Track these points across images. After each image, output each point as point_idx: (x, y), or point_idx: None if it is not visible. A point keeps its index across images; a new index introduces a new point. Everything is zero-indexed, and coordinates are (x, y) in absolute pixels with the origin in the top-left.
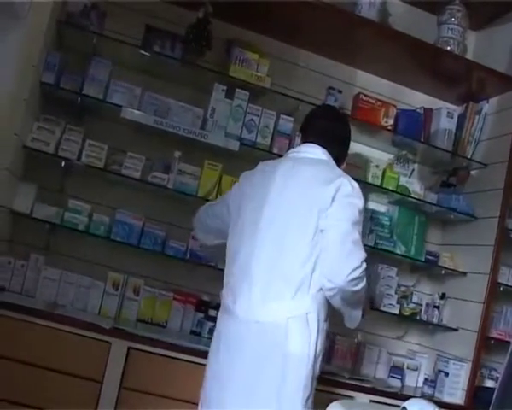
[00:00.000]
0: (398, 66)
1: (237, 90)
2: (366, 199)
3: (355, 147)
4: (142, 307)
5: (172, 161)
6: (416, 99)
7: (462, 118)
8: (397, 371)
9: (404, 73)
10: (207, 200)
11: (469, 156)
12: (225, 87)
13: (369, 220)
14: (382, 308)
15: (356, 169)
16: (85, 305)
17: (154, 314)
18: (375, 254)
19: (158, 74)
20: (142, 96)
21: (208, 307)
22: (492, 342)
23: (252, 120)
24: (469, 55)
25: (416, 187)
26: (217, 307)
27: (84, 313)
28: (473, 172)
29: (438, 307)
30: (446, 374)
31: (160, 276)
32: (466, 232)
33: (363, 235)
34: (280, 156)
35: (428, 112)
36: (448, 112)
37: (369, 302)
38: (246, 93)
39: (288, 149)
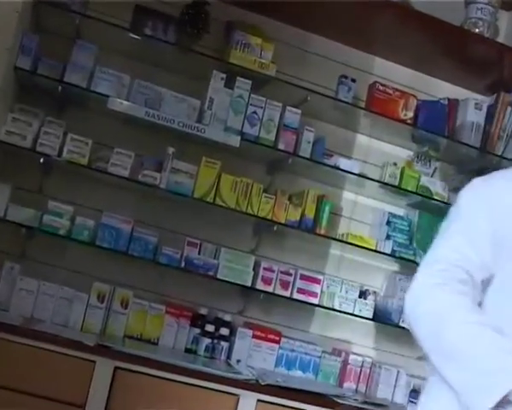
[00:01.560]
0: (420, 51)
1: (238, 78)
2: (382, 201)
3: (370, 143)
4: (130, 322)
5: (165, 158)
6: (440, 89)
7: (491, 110)
8: (417, 395)
9: (426, 60)
10: (205, 202)
11: (500, 153)
12: (225, 75)
13: (385, 225)
14: (401, 324)
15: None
16: (66, 320)
17: (144, 330)
18: (393, 263)
19: (149, 60)
20: (131, 84)
21: (205, 322)
22: None
23: (254, 112)
24: (501, 39)
25: (438, 188)
26: (215, 321)
27: (65, 329)
28: None
29: None
30: None
31: (151, 287)
32: None
33: (379, 240)
34: (287, 153)
35: (453, 103)
36: (476, 103)
37: None
38: (248, 82)
39: (296, 144)
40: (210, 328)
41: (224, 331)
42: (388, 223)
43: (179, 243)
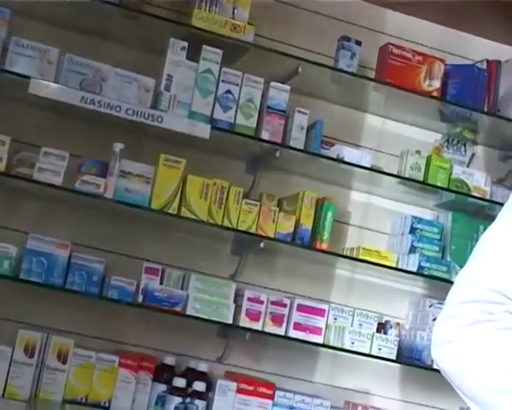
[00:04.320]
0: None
1: (204, 47)
2: (403, 201)
3: (383, 125)
4: (72, 381)
5: (111, 159)
6: (476, 48)
7: None
8: None
9: (456, 10)
10: (166, 214)
11: None
12: (186, 44)
13: (408, 234)
14: (435, 366)
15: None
16: None
17: (90, 390)
18: (421, 284)
19: (85, 28)
20: (60, 60)
21: (173, 375)
22: None
23: (228, 91)
24: None
25: (478, 180)
26: (186, 373)
27: None
28: None
29: None
30: None
31: (98, 331)
32: None
33: (401, 254)
34: (273, 144)
35: (494, 66)
36: None
37: None
38: (217, 51)
39: (284, 132)
40: (180, 383)
41: (199, 386)
42: (412, 231)
43: (134, 271)
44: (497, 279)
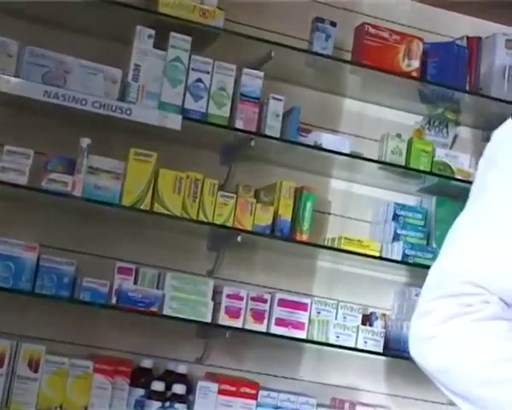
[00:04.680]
0: None
1: (172, 34)
2: (384, 187)
3: (362, 109)
4: (44, 390)
5: (78, 155)
6: (455, 25)
7: None
8: None
9: None
10: (139, 210)
11: None
12: (153, 31)
13: (391, 221)
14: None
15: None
16: None
17: (65, 399)
18: (406, 273)
19: (45, 18)
20: (20, 53)
21: (151, 379)
22: None
23: (199, 79)
24: None
25: (462, 163)
26: (165, 376)
27: None
28: None
29: None
30: None
31: (70, 336)
32: None
33: (385, 243)
34: (247, 133)
35: (475, 43)
36: (507, 40)
37: None
38: (186, 39)
39: (259, 120)
40: (159, 386)
41: (179, 389)
42: (395, 218)
43: (106, 271)
44: (472, 271)
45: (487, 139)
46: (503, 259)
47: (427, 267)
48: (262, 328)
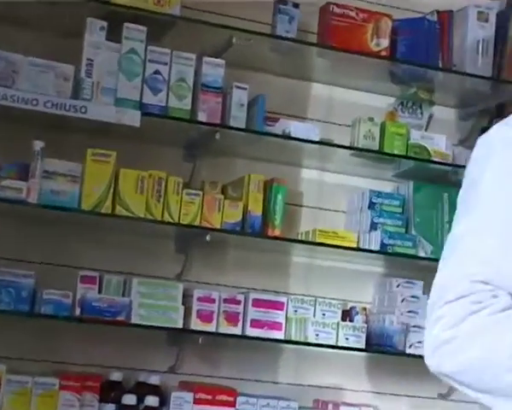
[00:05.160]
0: None
1: (126, 25)
2: (358, 175)
3: (331, 93)
4: None
5: (32, 159)
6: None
7: (503, 18)
8: None
9: None
10: (99, 214)
11: None
12: (105, 23)
13: (367, 210)
14: (408, 351)
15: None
16: None
17: None
18: (385, 263)
19: None
20: None
21: (122, 392)
22: None
23: (157, 71)
24: None
25: (438, 144)
26: (136, 388)
27: None
28: None
29: None
30: None
31: (33, 353)
32: None
33: (362, 233)
34: (211, 125)
35: (446, 17)
36: (479, 12)
37: None
38: (141, 29)
39: (223, 111)
40: (130, 400)
41: (152, 401)
42: (371, 206)
43: (68, 281)
44: (478, 270)
45: (465, 117)
46: (504, 255)
47: (407, 256)
48: (237, 331)
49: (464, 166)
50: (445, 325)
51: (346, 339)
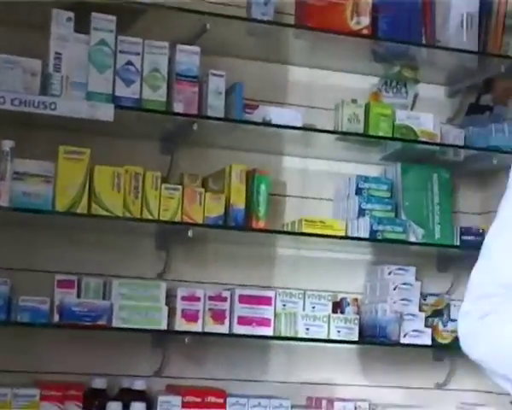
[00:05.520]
0: None
1: (94, 15)
2: (344, 160)
3: (311, 77)
4: None
5: (1, 160)
6: None
7: None
8: None
9: None
10: (75, 214)
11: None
12: (72, 14)
13: (354, 196)
14: (403, 340)
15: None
16: None
17: None
18: (375, 250)
19: None
20: None
21: (106, 400)
22: None
23: (129, 62)
24: None
25: (425, 123)
26: (121, 395)
27: None
28: None
29: None
30: None
31: (11, 364)
32: None
33: (349, 220)
34: (188, 116)
35: None
36: None
37: None
38: (110, 18)
39: (200, 101)
40: (115, 407)
41: (138, 408)
42: (359, 192)
43: (45, 287)
44: (500, 274)
45: (451, 94)
46: None
47: (398, 242)
48: (224, 329)
49: (453, 145)
50: (469, 320)
51: (338, 332)
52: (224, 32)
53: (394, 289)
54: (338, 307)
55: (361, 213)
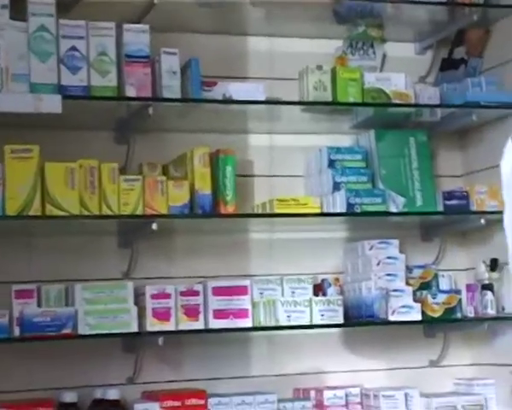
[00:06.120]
0: None
1: (30, 1)
2: (313, 132)
3: (271, 46)
4: None
5: None
6: None
7: None
8: None
9: None
10: (28, 217)
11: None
12: (6, 0)
13: (327, 169)
14: (391, 318)
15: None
16: None
17: None
18: (353, 225)
19: None
20: None
21: None
22: None
23: (73, 48)
24: None
25: (396, 84)
26: (94, 406)
27: None
28: (495, 27)
29: (490, 288)
30: None
31: None
32: (506, 137)
33: (324, 196)
34: (142, 100)
35: None
36: None
37: None
38: (48, 1)
39: (154, 82)
40: None
41: None
42: (332, 164)
43: (2, 299)
44: None
45: (421, 51)
46: None
47: (378, 214)
48: (199, 325)
49: (428, 105)
50: None
51: (322, 316)
52: (174, 6)
53: (378, 265)
54: (319, 289)
55: (336, 187)
